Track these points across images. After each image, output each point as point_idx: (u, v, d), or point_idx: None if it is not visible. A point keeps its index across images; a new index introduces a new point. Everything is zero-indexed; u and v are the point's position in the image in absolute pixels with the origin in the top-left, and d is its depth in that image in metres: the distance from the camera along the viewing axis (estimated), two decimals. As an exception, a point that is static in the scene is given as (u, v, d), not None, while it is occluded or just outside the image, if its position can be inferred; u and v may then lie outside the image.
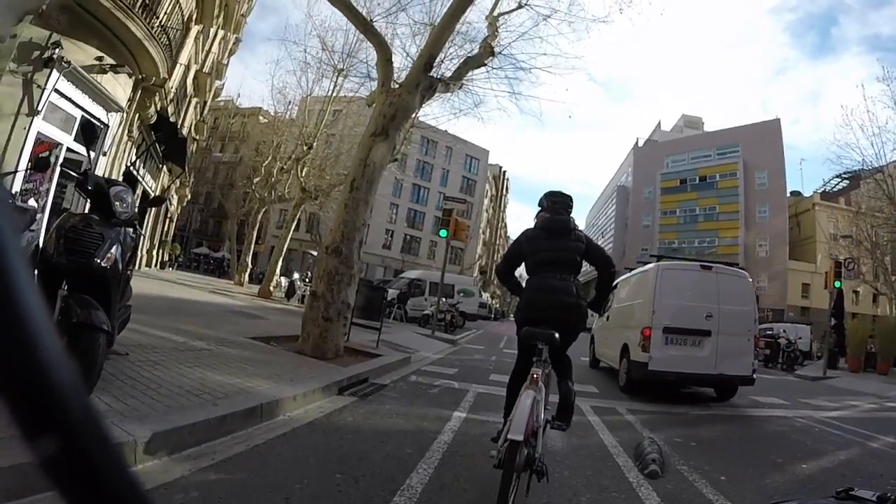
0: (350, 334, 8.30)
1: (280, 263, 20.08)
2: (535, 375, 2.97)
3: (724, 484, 3.80)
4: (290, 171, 20.45)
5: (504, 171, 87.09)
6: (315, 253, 26.20)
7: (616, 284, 9.92)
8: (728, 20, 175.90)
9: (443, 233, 15.10)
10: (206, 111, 31.31)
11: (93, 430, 0.35)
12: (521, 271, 4.02)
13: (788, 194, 55.32)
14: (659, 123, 74.09)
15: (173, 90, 15.78)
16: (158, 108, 14.83)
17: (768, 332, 20.72)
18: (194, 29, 19.06)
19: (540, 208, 3.92)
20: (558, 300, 3.45)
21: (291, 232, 20.32)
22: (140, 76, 13.15)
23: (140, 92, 13.58)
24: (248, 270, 25.04)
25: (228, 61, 34.69)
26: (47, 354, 0.33)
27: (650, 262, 9.11)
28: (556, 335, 3.16)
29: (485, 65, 10.36)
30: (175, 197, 28.59)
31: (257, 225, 22.94)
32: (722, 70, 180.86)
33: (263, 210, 23.22)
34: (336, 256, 6.98)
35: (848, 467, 4.78)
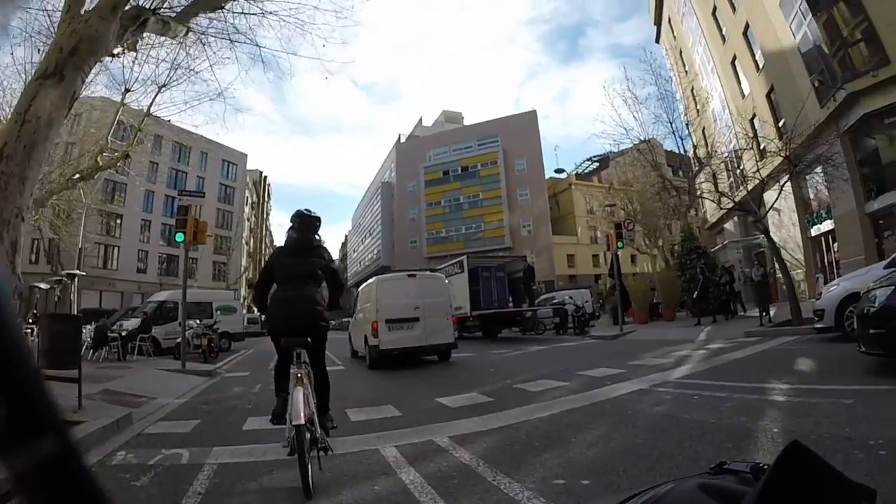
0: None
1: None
2: (299, 375, 3.61)
3: None
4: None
5: (265, 177, 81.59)
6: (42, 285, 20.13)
7: (358, 294, 13.66)
8: (488, 27, 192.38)
9: (179, 237, 11.74)
10: None
11: (61, 440, 0.35)
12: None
13: (547, 178, 61.73)
14: (420, 119, 77.32)
15: None
16: None
17: (555, 302, 21.94)
18: None
19: (291, 225, 4.34)
20: (303, 308, 3.98)
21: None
22: None
23: None
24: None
25: None
26: (24, 365, 0.34)
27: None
28: (310, 339, 3.86)
29: (222, 7, 7.97)
30: None
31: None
32: (480, 72, 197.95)
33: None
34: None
35: (783, 434, 3.98)
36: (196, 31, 8.77)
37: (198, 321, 15.62)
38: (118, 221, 47.41)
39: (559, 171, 63.23)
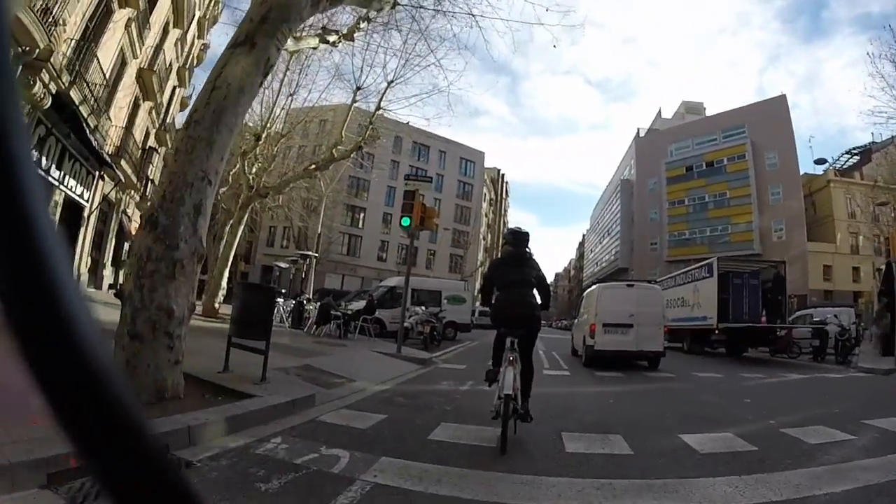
0: (229, 359, 5.50)
1: (226, 274, 17.11)
2: (511, 359, 4.46)
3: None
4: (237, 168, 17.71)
5: (503, 175, 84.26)
6: (282, 264, 23.18)
7: (582, 298, 15.71)
8: (719, 9, 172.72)
9: (405, 221, 11.97)
10: (167, 119, 28.67)
11: (146, 439, 0.35)
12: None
13: (801, 174, 52.22)
14: (659, 111, 71.28)
15: (74, 70, 13.07)
16: (54, 91, 12.17)
17: (815, 320, 17.62)
18: (121, 13, 16.57)
19: (504, 241, 6.19)
20: (522, 308, 4.87)
21: (238, 237, 17.50)
22: (18, 48, 10.62)
23: (20, 68, 10.98)
24: (223, 293, 20.33)
25: (193, 70, 32.12)
26: (99, 365, 0.33)
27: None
28: (525, 332, 4.82)
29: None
30: (135, 211, 25.83)
31: (224, 239, 19.67)
32: (717, 60, 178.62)
33: (231, 221, 20.49)
34: (151, 231, 4.19)
35: None
36: (409, 7, 8.65)
37: (422, 308, 16.11)
38: (362, 214, 53.87)
39: (820, 161, 51.06)
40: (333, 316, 14.83)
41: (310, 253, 21.02)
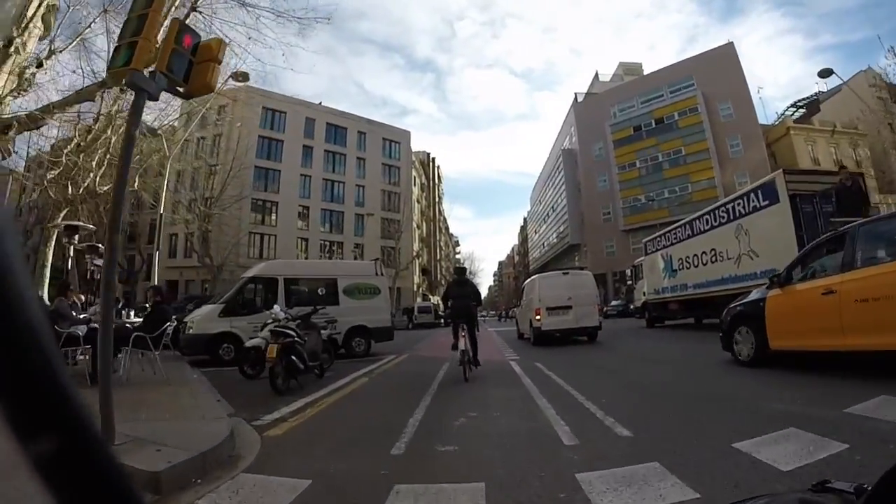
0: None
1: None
2: (462, 334, 8.13)
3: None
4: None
5: (433, 158, 76.96)
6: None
7: (524, 287, 17.44)
8: None
9: (122, 58, 4.19)
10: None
11: (85, 429, 0.34)
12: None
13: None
14: (596, 75, 66.07)
15: None
16: None
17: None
18: None
19: (455, 273, 9.95)
20: (466, 309, 8.56)
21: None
22: None
23: None
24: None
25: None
26: (41, 353, 0.32)
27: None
28: (466, 322, 8.37)
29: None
30: None
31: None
32: (636, 44, 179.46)
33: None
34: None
35: None
36: None
37: (283, 314, 8.01)
38: (274, 210, 45.66)
39: (824, 73, 47.51)
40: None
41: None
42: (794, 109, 53.23)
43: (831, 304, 5.27)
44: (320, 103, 51.76)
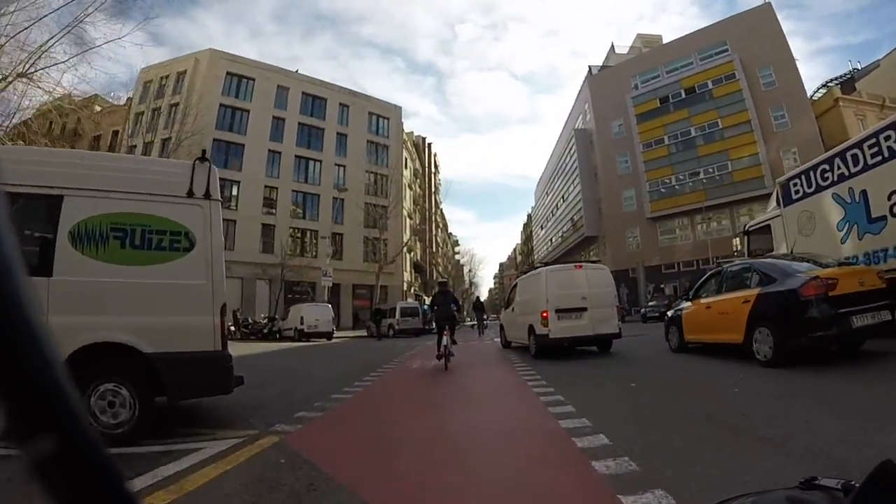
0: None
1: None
2: (445, 333, 10.49)
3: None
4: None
5: (430, 144, 69.61)
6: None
7: (515, 285, 14.55)
8: None
9: None
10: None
11: (82, 430, 0.34)
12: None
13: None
14: (612, 46, 58.68)
15: None
16: None
17: None
18: None
19: (440, 285, 12.46)
20: (448, 314, 10.96)
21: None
22: None
23: None
24: None
25: None
26: (40, 354, 0.32)
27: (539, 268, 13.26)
28: (449, 323, 10.81)
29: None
30: None
31: None
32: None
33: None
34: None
35: None
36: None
37: None
38: (234, 191, 38.02)
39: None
40: None
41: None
42: (826, 90, 46.33)
43: (709, 314, 8.99)
44: (297, 70, 44.52)
